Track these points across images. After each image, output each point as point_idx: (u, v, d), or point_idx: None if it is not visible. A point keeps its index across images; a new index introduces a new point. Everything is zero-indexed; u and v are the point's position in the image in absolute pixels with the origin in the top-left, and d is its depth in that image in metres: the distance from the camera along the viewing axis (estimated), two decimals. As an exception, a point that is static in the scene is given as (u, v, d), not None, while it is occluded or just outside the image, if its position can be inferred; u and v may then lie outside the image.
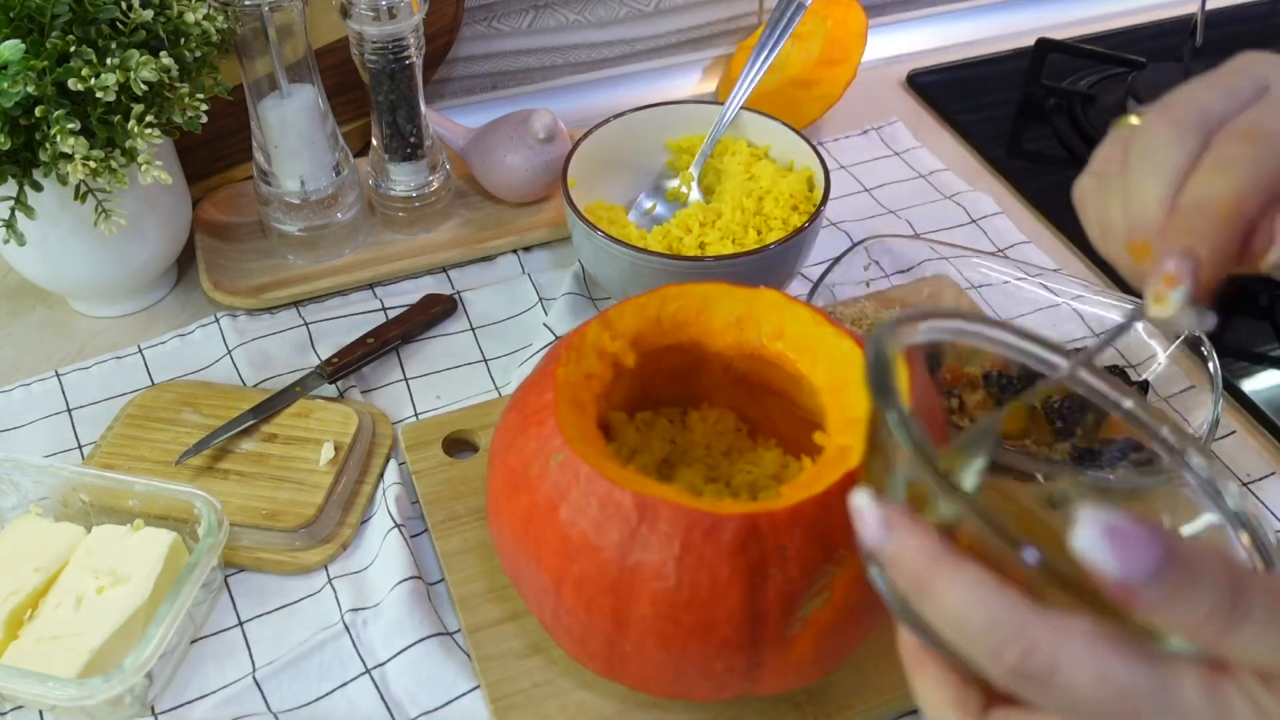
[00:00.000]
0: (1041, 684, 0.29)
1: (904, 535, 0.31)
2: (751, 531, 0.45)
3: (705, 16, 1.02)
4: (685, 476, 0.58)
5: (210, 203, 0.86)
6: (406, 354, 0.77)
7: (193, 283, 0.82)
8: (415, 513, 0.66)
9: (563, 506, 0.48)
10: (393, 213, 0.85)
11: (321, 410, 0.69)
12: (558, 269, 0.84)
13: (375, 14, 0.74)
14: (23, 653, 0.55)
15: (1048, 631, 0.28)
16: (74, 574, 0.58)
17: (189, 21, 0.68)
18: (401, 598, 0.60)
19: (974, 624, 0.29)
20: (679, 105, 0.83)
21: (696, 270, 0.70)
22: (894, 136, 0.99)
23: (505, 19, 0.96)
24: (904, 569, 0.31)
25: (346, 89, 0.87)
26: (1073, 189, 0.41)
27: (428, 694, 0.58)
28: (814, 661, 0.50)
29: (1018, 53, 1.07)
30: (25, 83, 0.61)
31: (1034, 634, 0.29)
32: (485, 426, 0.69)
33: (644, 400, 0.61)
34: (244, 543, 0.63)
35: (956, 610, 0.30)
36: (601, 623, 0.48)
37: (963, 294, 0.79)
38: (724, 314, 0.57)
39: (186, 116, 0.69)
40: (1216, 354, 0.67)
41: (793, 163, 0.81)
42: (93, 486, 0.62)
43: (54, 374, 0.75)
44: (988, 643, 0.29)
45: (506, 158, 0.84)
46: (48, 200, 0.68)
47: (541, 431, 0.50)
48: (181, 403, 0.70)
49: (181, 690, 0.58)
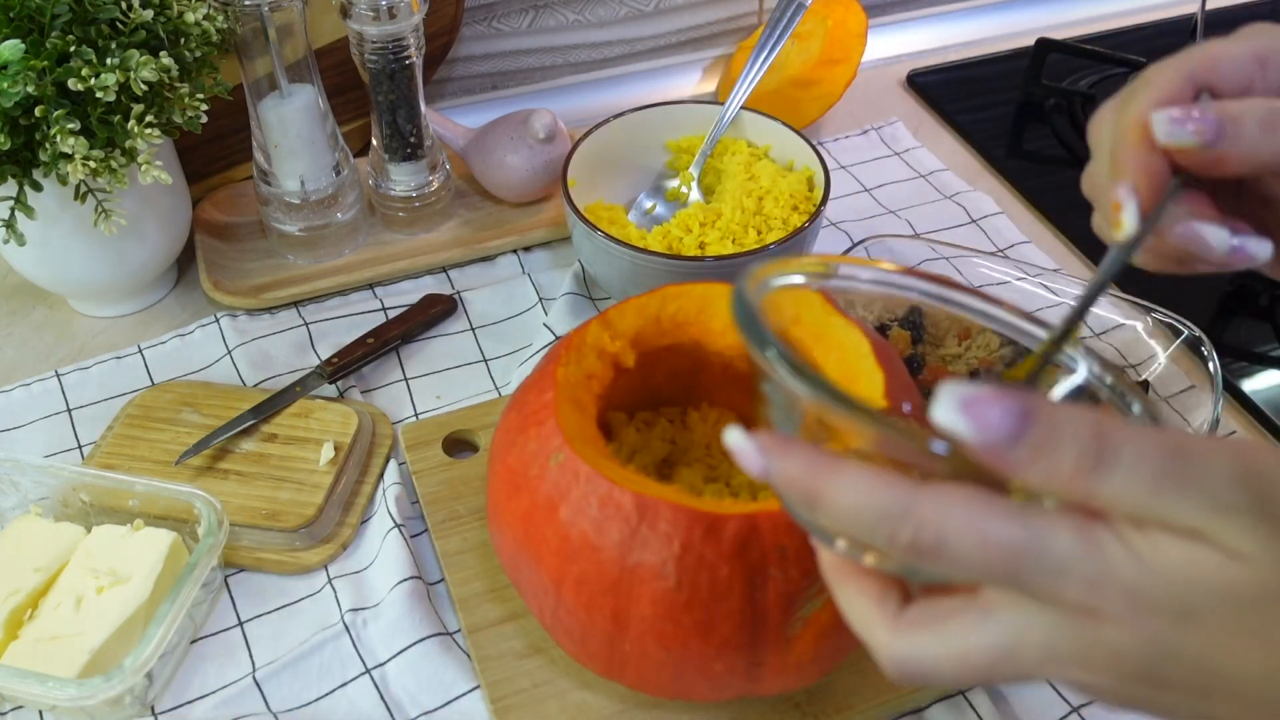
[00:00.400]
0: (934, 556, 0.30)
1: (781, 456, 0.32)
2: (751, 531, 0.45)
3: (705, 16, 1.02)
4: (685, 476, 0.58)
5: (210, 203, 0.86)
6: (406, 354, 0.77)
7: (193, 283, 0.82)
8: (415, 513, 0.66)
9: (563, 506, 0.48)
10: (393, 213, 0.85)
11: (321, 410, 0.69)
12: (558, 269, 0.84)
13: (375, 14, 0.74)
14: (23, 653, 0.55)
15: (931, 506, 0.30)
16: (74, 574, 0.58)
17: (189, 21, 0.68)
18: (401, 598, 0.60)
19: (867, 515, 0.30)
20: (679, 105, 0.83)
21: (696, 270, 0.70)
22: (894, 136, 0.99)
23: (505, 19, 0.96)
24: (793, 487, 0.32)
25: (346, 89, 0.87)
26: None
27: (428, 694, 0.58)
28: (814, 661, 0.50)
29: (1018, 53, 1.07)
30: (25, 83, 0.61)
31: (920, 511, 0.30)
32: (485, 426, 0.69)
33: (644, 400, 0.61)
34: (244, 543, 0.63)
35: (849, 508, 0.31)
36: (601, 623, 0.48)
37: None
38: (724, 314, 0.57)
39: (186, 116, 0.69)
40: (1216, 354, 0.67)
41: (793, 163, 0.81)
42: (93, 486, 0.62)
43: (54, 374, 0.75)
44: (883, 531, 0.30)
45: (506, 158, 0.84)
46: (48, 200, 0.68)
47: (541, 431, 0.50)
48: (181, 403, 0.70)
49: (181, 690, 0.58)
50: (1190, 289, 0.83)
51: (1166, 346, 0.71)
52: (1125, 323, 0.73)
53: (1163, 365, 0.70)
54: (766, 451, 0.32)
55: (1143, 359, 0.71)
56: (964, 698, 0.57)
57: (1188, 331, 0.69)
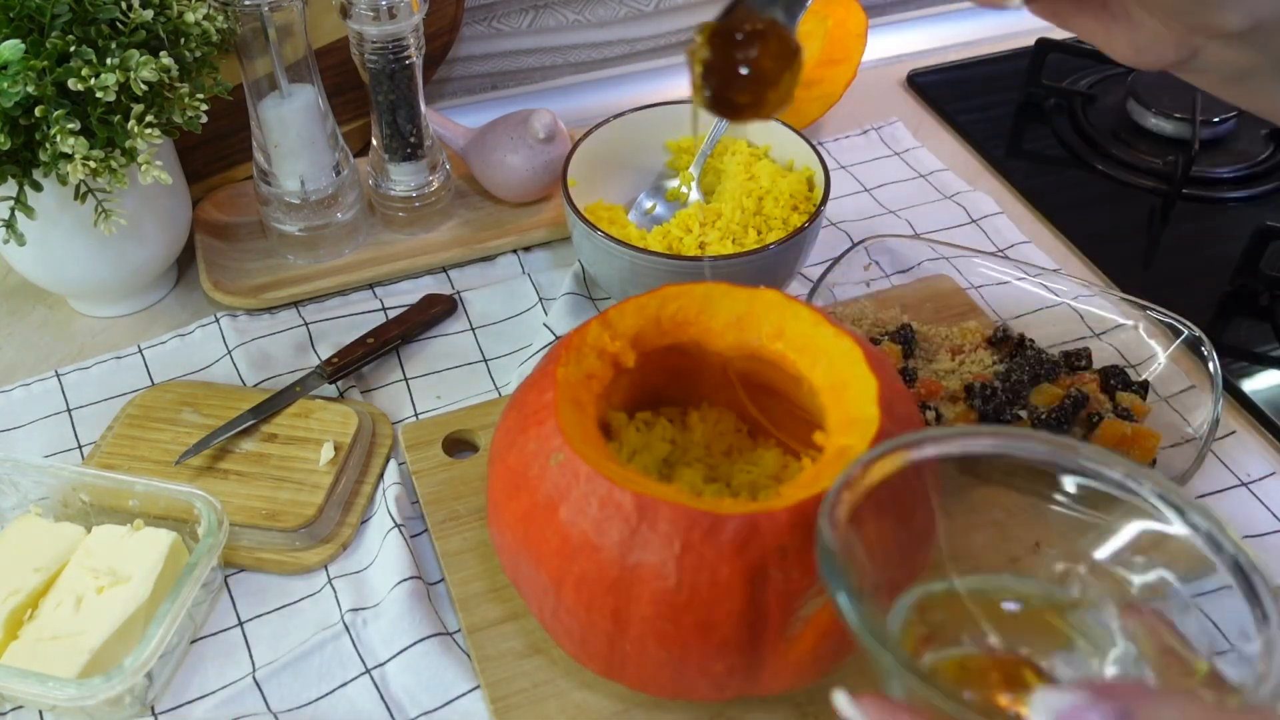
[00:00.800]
0: None
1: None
2: (751, 531, 0.45)
3: (705, 16, 1.02)
4: (685, 476, 0.58)
5: (210, 203, 0.86)
6: (406, 354, 0.77)
7: (193, 283, 0.82)
8: (415, 513, 0.66)
9: (563, 506, 0.48)
10: (393, 213, 0.85)
11: (321, 410, 0.69)
12: (558, 269, 0.84)
13: (375, 14, 0.74)
14: (23, 653, 0.55)
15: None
16: (74, 574, 0.58)
17: (189, 21, 0.68)
18: (401, 598, 0.60)
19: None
20: (679, 105, 0.83)
21: (696, 270, 0.70)
22: (894, 136, 0.99)
23: (505, 19, 0.96)
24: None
25: (346, 89, 0.87)
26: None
27: (428, 694, 0.57)
28: (814, 661, 0.50)
29: (1018, 53, 1.07)
30: (25, 83, 0.61)
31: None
32: (485, 426, 0.69)
33: (644, 400, 0.61)
34: (244, 543, 0.63)
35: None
36: (601, 623, 0.48)
37: (962, 294, 0.79)
38: (724, 314, 0.57)
39: (186, 116, 0.69)
40: (1216, 354, 0.67)
41: (793, 163, 0.81)
42: (93, 486, 0.62)
43: (54, 374, 0.75)
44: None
45: (506, 158, 0.84)
46: (48, 200, 0.68)
47: (541, 431, 0.50)
48: (181, 403, 0.70)
49: (181, 690, 0.58)
50: (1190, 289, 0.83)
51: (1166, 346, 0.71)
52: (1125, 323, 0.73)
53: (1163, 365, 0.70)
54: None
55: (1143, 359, 0.71)
56: (964, 698, 0.57)
57: (1188, 331, 0.69)
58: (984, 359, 0.71)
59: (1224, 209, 0.92)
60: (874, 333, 0.74)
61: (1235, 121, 0.96)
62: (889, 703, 0.34)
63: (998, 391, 0.66)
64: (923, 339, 0.73)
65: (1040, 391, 0.68)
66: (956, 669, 0.40)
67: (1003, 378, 0.68)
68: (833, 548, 0.38)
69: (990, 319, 0.77)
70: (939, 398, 0.68)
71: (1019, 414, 0.66)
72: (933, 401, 0.68)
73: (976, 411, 0.66)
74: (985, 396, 0.66)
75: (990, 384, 0.67)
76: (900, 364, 0.71)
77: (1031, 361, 0.69)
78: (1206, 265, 0.85)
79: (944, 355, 0.72)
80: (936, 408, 0.67)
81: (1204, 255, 0.87)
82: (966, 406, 0.67)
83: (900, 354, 0.71)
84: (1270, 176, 0.94)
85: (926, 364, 0.72)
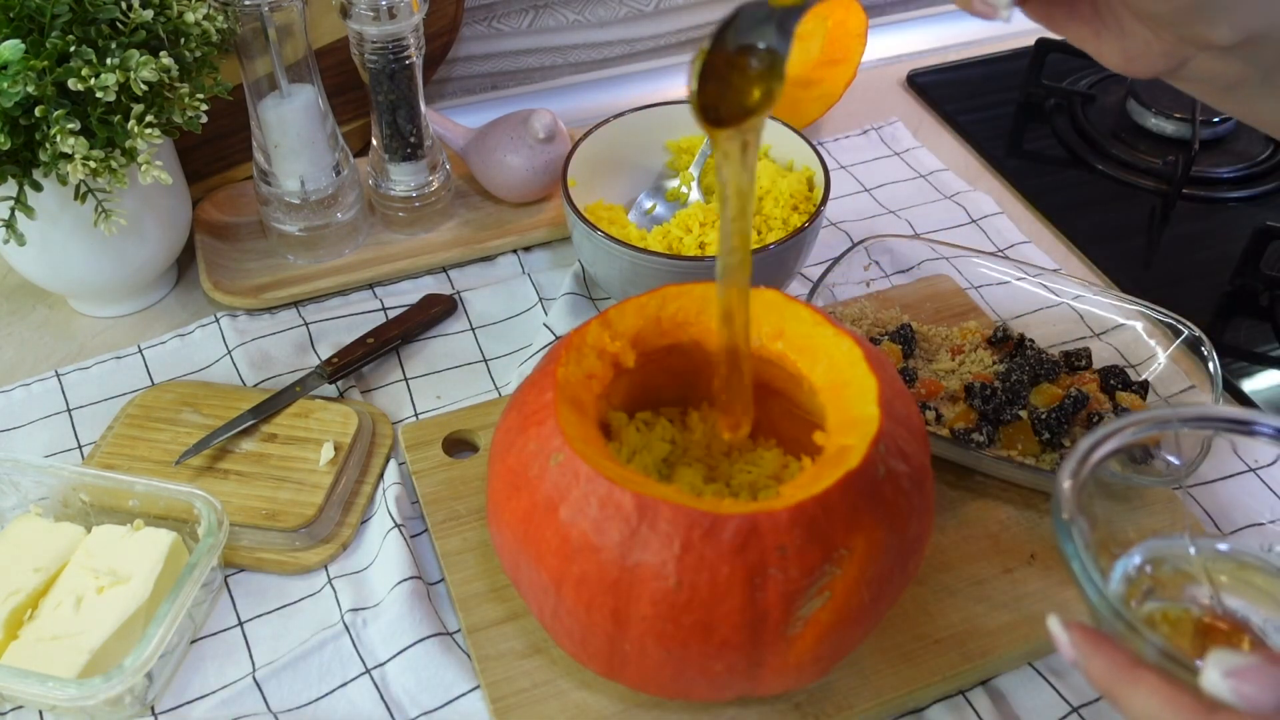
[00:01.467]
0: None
1: (1089, 656, 0.38)
2: (751, 531, 0.45)
3: (705, 16, 1.02)
4: (685, 476, 0.58)
5: (210, 203, 0.86)
6: (406, 354, 0.77)
7: (193, 283, 0.82)
8: (415, 513, 0.66)
9: (563, 506, 0.48)
10: (393, 213, 0.85)
11: (321, 410, 0.69)
12: (558, 269, 0.84)
13: (375, 14, 0.74)
14: (23, 653, 0.55)
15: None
16: (74, 574, 0.58)
17: (189, 21, 0.68)
18: (401, 598, 0.60)
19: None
20: (679, 105, 0.83)
21: (696, 270, 0.70)
22: (894, 136, 0.99)
23: (505, 19, 0.96)
24: (1095, 681, 0.38)
25: (346, 89, 0.87)
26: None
27: (428, 694, 0.58)
28: (814, 661, 0.50)
29: (1018, 53, 1.07)
30: (25, 83, 0.61)
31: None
32: (485, 426, 0.69)
33: (644, 400, 0.61)
34: (244, 543, 0.63)
35: (1140, 715, 0.36)
36: (601, 623, 0.48)
37: (962, 294, 0.79)
38: (724, 314, 0.57)
39: (186, 116, 0.69)
40: (1216, 354, 0.67)
41: (792, 163, 0.81)
42: (93, 486, 0.62)
43: (54, 374, 0.75)
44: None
45: (506, 158, 0.84)
46: (48, 200, 0.68)
47: (541, 431, 0.50)
48: (181, 403, 0.70)
49: (181, 690, 0.58)
50: (1190, 289, 0.83)
51: (1166, 346, 0.71)
52: (1125, 323, 0.73)
53: (1163, 365, 0.70)
54: (1078, 647, 0.38)
55: (1143, 359, 0.71)
56: (964, 697, 0.57)
57: (1188, 331, 0.69)
58: (984, 359, 0.71)
59: (1224, 209, 0.92)
60: (874, 333, 0.74)
61: (1235, 122, 0.96)
62: (1092, 632, 0.38)
63: (998, 391, 0.66)
64: (923, 339, 0.73)
65: (1040, 391, 0.68)
66: (1162, 619, 0.45)
67: (1003, 378, 0.68)
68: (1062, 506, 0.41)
69: (990, 319, 0.77)
70: (939, 398, 0.68)
71: (1019, 414, 0.66)
72: (933, 401, 0.68)
73: (976, 411, 0.66)
74: (985, 396, 0.66)
75: (990, 384, 0.67)
76: (900, 364, 0.71)
77: (1031, 361, 0.69)
78: (1206, 265, 0.85)
79: (944, 355, 0.72)
80: (936, 408, 0.67)
81: (1204, 255, 0.87)
82: (966, 406, 0.67)
83: (900, 354, 0.71)
84: (1270, 176, 0.94)
85: (926, 364, 0.72)
